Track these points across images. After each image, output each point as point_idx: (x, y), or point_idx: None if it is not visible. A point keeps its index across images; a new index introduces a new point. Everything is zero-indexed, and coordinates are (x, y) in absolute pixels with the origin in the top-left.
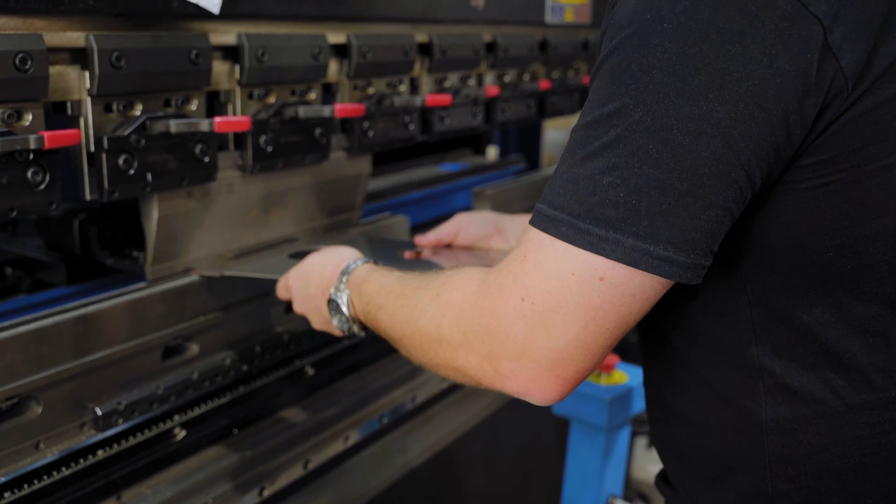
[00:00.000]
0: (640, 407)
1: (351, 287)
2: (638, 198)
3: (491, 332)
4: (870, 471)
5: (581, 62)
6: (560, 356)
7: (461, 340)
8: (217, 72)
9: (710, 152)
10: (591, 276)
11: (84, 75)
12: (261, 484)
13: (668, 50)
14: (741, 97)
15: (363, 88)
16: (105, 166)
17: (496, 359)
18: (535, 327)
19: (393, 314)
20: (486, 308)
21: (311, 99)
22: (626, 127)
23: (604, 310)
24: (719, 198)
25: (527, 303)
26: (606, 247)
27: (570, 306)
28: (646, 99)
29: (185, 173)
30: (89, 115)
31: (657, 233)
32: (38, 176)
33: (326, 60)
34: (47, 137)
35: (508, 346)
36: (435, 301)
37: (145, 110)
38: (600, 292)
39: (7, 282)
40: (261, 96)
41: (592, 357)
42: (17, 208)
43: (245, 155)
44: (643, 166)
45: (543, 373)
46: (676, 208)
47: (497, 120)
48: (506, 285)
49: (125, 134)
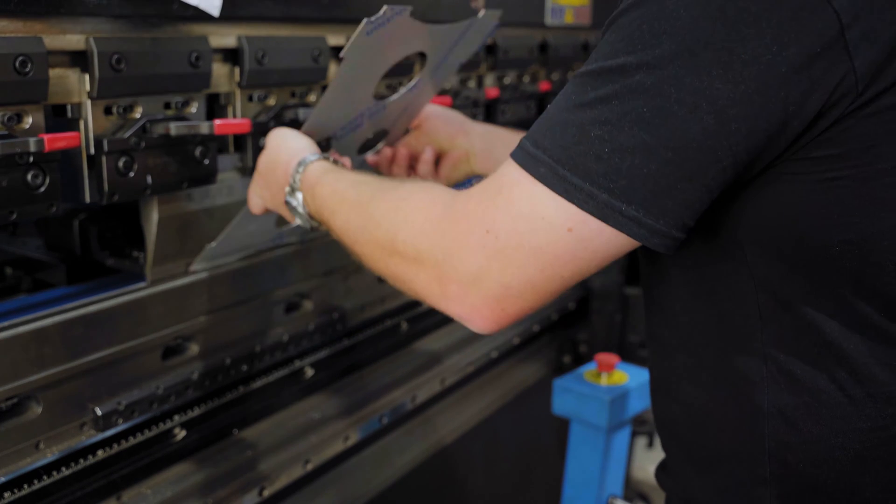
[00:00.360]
0: (640, 407)
1: (304, 188)
2: (621, 156)
3: (447, 254)
4: (869, 463)
5: (581, 64)
6: (509, 293)
7: (414, 257)
8: (217, 74)
9: (702, 127)
10: (561, 224)
11: (84, 78)
12: (261, 484)
13: (682, 18)
14: (743, 79)
15: None
16: (105, 169)
17: (445, 281)
18: (492, 260)
19: (346, 220)
20: (446, 231)
21: (311, 101)
22: (625, 85)
23: (564, 259)
24: (700, 173)
25: (490, 236)
26: (580, 196)
27: (533, 249)
28: (650, 62)
29: (186, 175)
30: (89, 118)
31: (632, 193)
32: (38, 179)
33: (326, 62)
34: (47, 140)
35: (461, 271)
36: (392, 214)
37: (145, 113)
38: (565, 241)
39: (7, 282)
40: (261, 98)
41: (539, 299)
42: (17, 211)
43: (245, 157)
44: (633, 127)
45: (489, 303)
46: (657, 174)
47: (498, 121)
48: (473, 214)
49: (125, 136)
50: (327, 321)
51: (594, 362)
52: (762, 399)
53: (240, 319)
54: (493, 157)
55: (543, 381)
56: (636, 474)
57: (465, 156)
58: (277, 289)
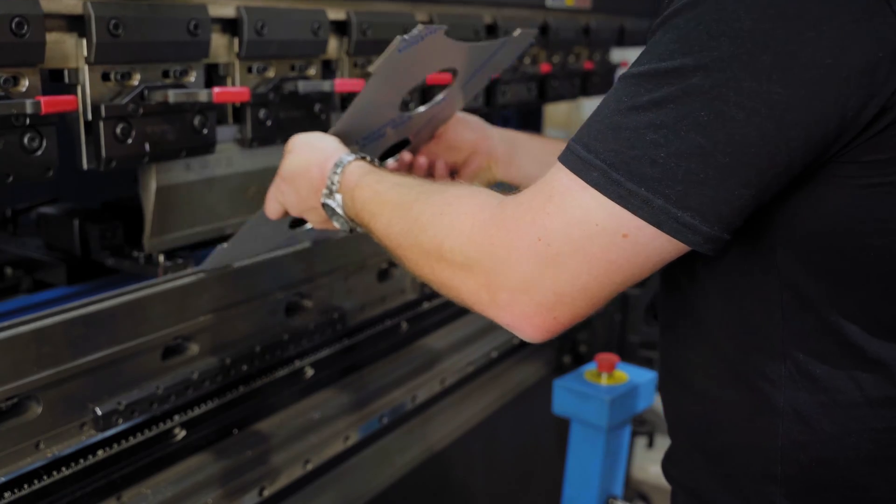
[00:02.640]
0: (641, 407)
1: (343, 190)
2: (677, 161)
3: (498, 261)
4: (881, 464)
5: (582, 47)
6: (562, 300)
7: (462, 263)
8: (216, 45)
9: (761, 133)
10: (616, 230)
11: (81, 43)
12: (261, 484)
13: (741, 20)
14: (804, 84)
15: (363, 66)
16: (103, 134)
17: (495, 288)
18: (545, 268)
19: (388, 224)
20: (496, 238)
21: (310, 75)
22: (681, 88)
23: (618, 265)
24: (757, 178)
25: (543, 243)
26: (635, 202)
27: (587, 256)
28: (708, 65)
29: (184, 144)
30: (87, 84)
31: (688, 200)
32: (35, 142)
33: (326, 36)
34: (44, 102)
35: (512, 279)
36: (438, 219)
37: (143, 80)
38: (620, 248)
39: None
40: (260, 70)
41: (592, 305)
42: (14, 174)
43: (244, 129)
44: (690, 132)
45: (540, 312)
46: (713, 180)
47: (498, 102)
48: (523, 220)
49: (123, 102)
50: (327, 321)
51: (594, 362)
52: (778, 397)
53: (240, 319)
54: (516, 163)
55: (543, 381)
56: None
57: (486, 163)
58: (277, 289)
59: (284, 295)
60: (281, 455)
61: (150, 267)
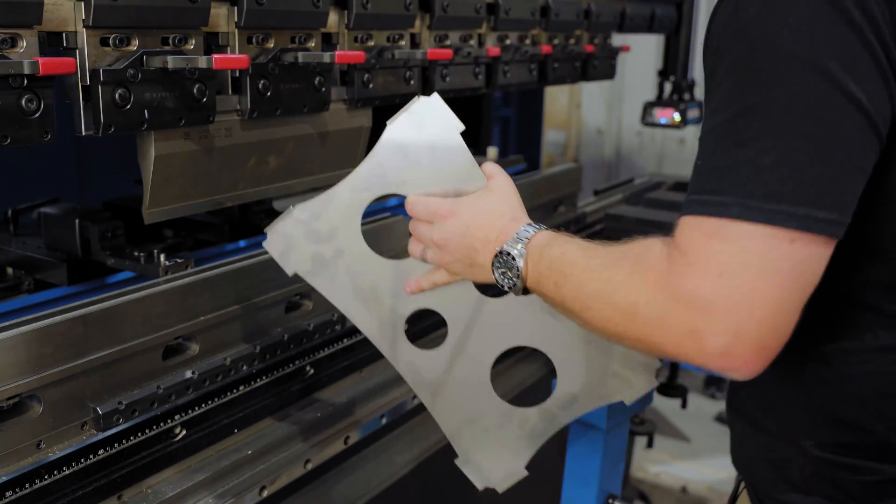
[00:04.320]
0: (640, 407)
1: (531, 248)
2: (801, 171)
3: (694, 311)
4: None
5: (583, 31)
6: (764, 326)
7: (659, 318)
8: (216, 14)
9: (857, 125)
10: (778, 245)
11: (80, 6)
12: (261, 484)
13: (805, 34)
14: (870, 78)
15: (363, 41)
16: (101, 99)
17: (700, 336)
18: (738, 301)
19: (579, 285)
20: (683, 287)
21: (310, 47)
22: (775, 112)
23: (794, 275)
24: (866, 162)
25: (725, 277)
26: (781, 218)
27: (768, 274)
28: (787, 85)
29: (183, 112)
30: (85, 48)
31: (822, 199)
32: (33, 104)
33: (326, 7)
34: (42, 63)
35: (714, 323)
36: (629, 279)
37: (142, 47)
38: (789, 257)
39: (7, 282)
40: (259, 41)
41: (790, 323)
42: (11, 136)
43: (243, 99)
44: (801, 144)
45: (752, 347)
46: (838, 175)
47: (499, 82)
48: (698, 264)
49: (121, 67)
50: (327, 321)
51: None
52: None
53: (240, 319)
54: None
55: (543, 381)
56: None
57: None
58: (277, 289)
59: (284, 295)
60: (281, 455)
61: (151, 267)
